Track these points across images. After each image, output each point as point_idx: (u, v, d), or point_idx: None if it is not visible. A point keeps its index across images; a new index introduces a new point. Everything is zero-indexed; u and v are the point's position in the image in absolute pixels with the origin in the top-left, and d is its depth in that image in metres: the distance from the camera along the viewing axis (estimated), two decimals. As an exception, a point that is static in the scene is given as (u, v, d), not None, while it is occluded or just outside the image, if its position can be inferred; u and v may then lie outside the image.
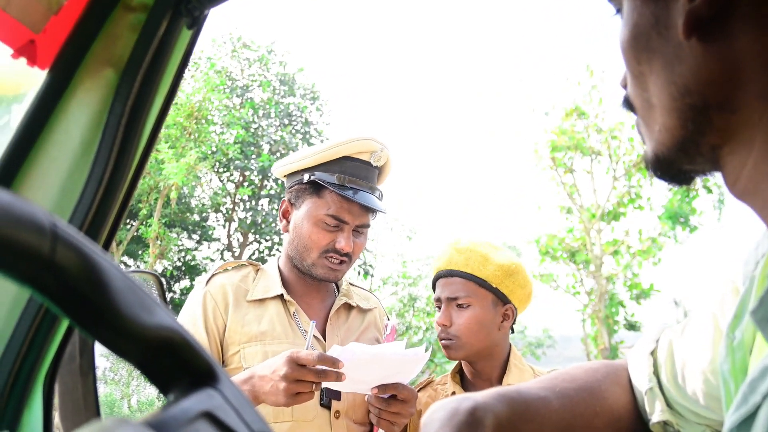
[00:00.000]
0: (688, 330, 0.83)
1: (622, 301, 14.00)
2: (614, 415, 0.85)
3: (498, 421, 0.72)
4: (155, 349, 0.45)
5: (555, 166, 13.93)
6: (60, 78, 0.75)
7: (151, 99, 0.77)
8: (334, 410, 1.60)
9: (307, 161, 1.65)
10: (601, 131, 13.73)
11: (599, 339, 13.58)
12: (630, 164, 13.65)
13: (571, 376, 0.85)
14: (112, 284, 0.41)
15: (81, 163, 0.75)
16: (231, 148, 13.96)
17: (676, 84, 0.52)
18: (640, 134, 0.60)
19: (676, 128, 0.53)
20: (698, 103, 0.51)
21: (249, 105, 15.38)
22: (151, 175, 12.32)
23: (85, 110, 0.75)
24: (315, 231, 1.63)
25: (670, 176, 0.58)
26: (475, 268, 1.68)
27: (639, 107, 0.58)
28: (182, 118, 12.56)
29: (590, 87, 13.87)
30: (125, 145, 0.75)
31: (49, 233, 0.38)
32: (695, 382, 0.79)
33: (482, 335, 1.68)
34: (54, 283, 0.39)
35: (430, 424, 0.70)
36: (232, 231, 15.73)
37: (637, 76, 0.56)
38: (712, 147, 0.53)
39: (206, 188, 15.48)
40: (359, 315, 1.79)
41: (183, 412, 0.43)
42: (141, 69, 0.75)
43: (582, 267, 14.00)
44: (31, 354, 0.75)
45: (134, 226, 13.33)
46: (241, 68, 16.27)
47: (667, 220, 13.56)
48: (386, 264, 16.61)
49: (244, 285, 1.68)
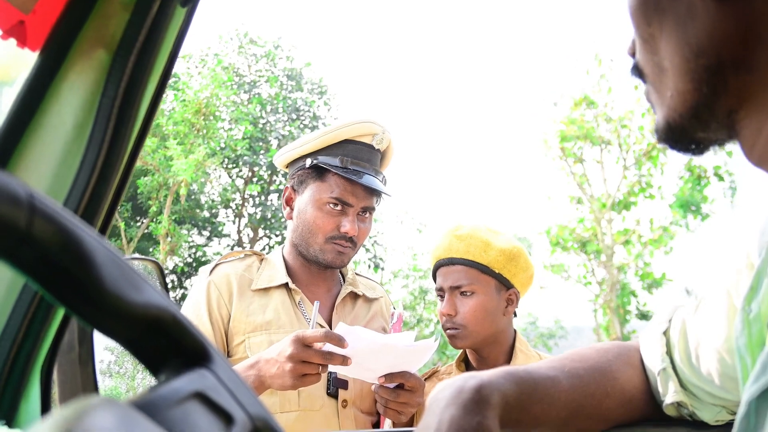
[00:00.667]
0: (702, 308, 0.81)
1: (634, 291, 13.92)
2: (626, 396, 0.83)
3: (505, 399, 0.70)
4: (144, 328, 0.43)
5: (564, 156, 13.85)
6: (51, 60, 0.73)
7: (145, 80, 0.75)
8: (341, 399, 1.58)
9: (309, 146, 1.63)
10: (610, 120, 13.63)
11: (611, 329, 13.52)
12: (640, 153, 13.55)
13: (582, 356, 0.83)
14: (94, 258, 0.39)
15: (74, 146, 0.73)
16: (239, 143, 13.97)
17: (690, 44, 0.50)
18: (650, 103, 0.58)
19: (690, 92, 0.51)
20: (713, 63, 0.49)
21: (257, 101, 15.37)
22: (160, 171, 12.36)
23: (77, 93, 0.74)
24: (319, 215, 1.61)
25: (682, 145, 0.56)
26: (477, 254, 1.66)
27: (649, 73, 0.55)
28: (190, 114, 12.57)
29: (599, 76, 13.77)
30: (119, 128, 0.74)
31: (26, 205, 0.36)
32: (710, 361, 0.77)
33: (488, 322, 1.66)
34: (32, 256, 0.37)
35: (435, 403, 0.68)
36: (242, 227, 15.76)
37: (648, 40, 0.54)
38: (728, 111, 0.51)
39: (215, 184, 15.51)
40: (365, 304, 1.77)
41: (173, 392, 0.41)
42: (134, 49, 0.73)
43: (593, 257, 13.92)
44: (27, 343, 0.73)
45: (144, 224, 13.37)
46: (248, 64, 16.27)
47: (679, 209, 13.46)
48: (397, 257, 16.56)
49: (248, 274, 1.67)
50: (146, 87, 0.75)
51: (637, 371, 0.86)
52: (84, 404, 0.34)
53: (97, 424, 0.32)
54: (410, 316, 15.14)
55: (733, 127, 0.52)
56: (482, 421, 0.65)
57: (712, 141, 0.55)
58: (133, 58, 0.74)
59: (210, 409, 0.43)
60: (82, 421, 0.32)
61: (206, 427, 0.42)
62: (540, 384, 0.75)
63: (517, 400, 0.72)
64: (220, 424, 0.43)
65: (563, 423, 0.78)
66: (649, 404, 0.85)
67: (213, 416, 0.43)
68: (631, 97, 13.54)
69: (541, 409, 0.74)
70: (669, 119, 0.55)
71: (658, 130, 0.57)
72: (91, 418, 0.32)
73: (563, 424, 0.78)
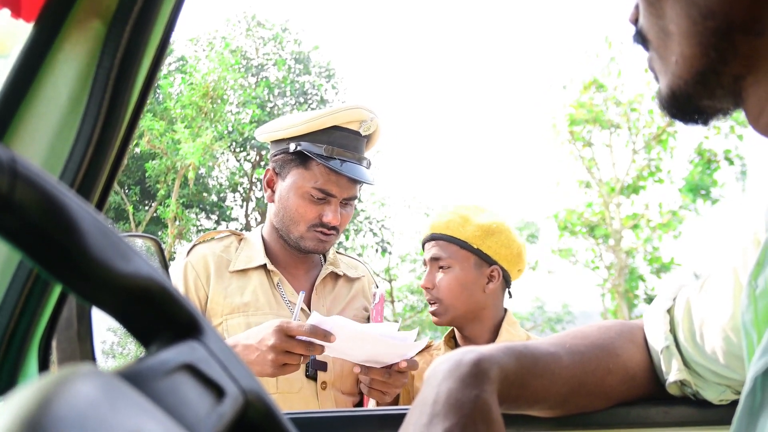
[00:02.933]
0: (707, 286, 0.79)
1: (642, 276, 13.89)
2: (628, 373, 0.82)
3: (504, 374, 0.69)
4: (132, 298, 0.42)
5: (573, 140, 13.77)
6: (46, 31, 0.72)
7: (141, 51, 0.73)
8: (321, 381, 1.56)
9: (295, 130, 1.59)
10: (620, 104, 13.54)
11: (619, 314, 13.50)
12: (650, 137, 13.46)
13: (583, 333, 0.82)
14: (80, 225, 0.38)
15: (70, 119, 0.72)
16: (247, 127, 13.95)
17: (698, 5, 0.48)
18: (653, 71, 0.56)
19: (696, 56, 0.49)
20: (722, 25, 0.47)
21: (264, 84, 15.33)
22: (168, 155, 12.37)
23: (73, 64, 0.72)
24: (302, 204, 1.59)
25: (686, 114, 0.54)
26: (455, 229, 1.67)
27: (654, 38, 0.54)
28: (198, 97, 12.55)
29: (609, 59, 13.66)
30: (115, 101, 0.72)
31: (7, 169, 0.35)
32: (714, 340, 0.76)
33: (464, 297, 1.67)
34: (14, 223, 0.36)
35: (433, 377, 0.67)
36: (250, 210, 15.77)
37: (653, 2, 0.52)
38: (735, 77, 0.49)
39: (223, 168, 15.52)
40: (346, 284, 1.75)
41: (161, 364, 0.40)
42: (130, 20, 0.72)
43: (601, 241, 13.89)
44: (24, 318, 0.73)
45: (153, 207, 13.40)
46: (255, 47, 16.22)
47: (688, 193, 13.38)
48: (404, 242, 16.56)
49: (226, 255, 1.64)
50: (143, 58, 0.74)
51: (640, 349, 0.85)
52: (67, 372, 0.33)
53: (80, 392, 0.31)
54: (417, 300, 15.17)
55: (739, 95, 0.51)
56: (480, 394, 0.64)
57: (717, 110, 0.53)
58: (129, 28, 0.72)
59: (200, 382, 0.42)
60: (63, 389, 0.31)
61: (196, 399, 0.41)
62: (540, 359, 0.74)
63: (516, 375, 0.70)
64: (210, 397, 0.42)
65: (563, 399, 0.77)
66: (652, 382, 0.84)
67: (203, 388, 0.42)
68: (641, 80, 13.43)
69: (541, 384, 0.73)
70: (673, 86, 0.53)
71: (662, 98, 0.55)
72: (74, 387, 0.31)
73: (563, 401, 0.77)
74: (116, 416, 0.31)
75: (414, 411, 0.64)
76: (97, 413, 0.30)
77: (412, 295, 15.39)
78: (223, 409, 0.42)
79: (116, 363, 3.66)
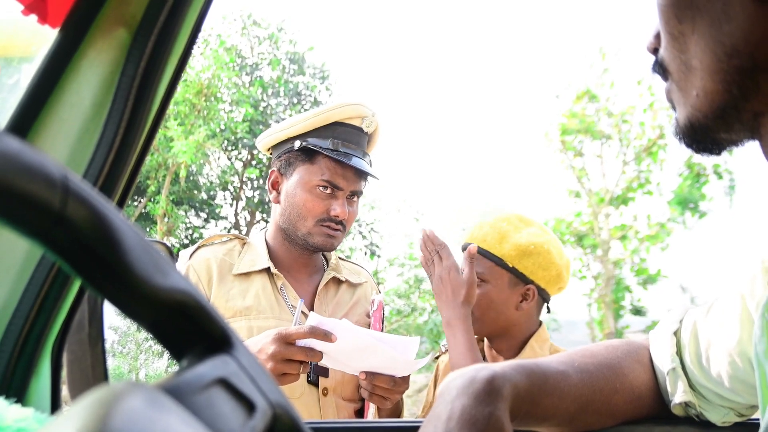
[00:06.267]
0: (714, 310, 0.81)
1: (629, 286, 13.93)
2: (634, 393, 0.83)
3: (516, 391, 0.70)
4: (169, 312, 0.43)
5: (564, 150, 13.83)
6: (71, 37, 0.72)
7: (164, 60, 0.74)
8: (322, 387, 1.56)
9: (298, 128, 1.60)
10: (612, 115, 13.60)
11: (605, 323, 13.54)
12: (640, 149, 13.53)
13: (591, 352, 0.83)
14: (125, 242, 0.39)
15: (92, 125, 0.73)
16: (239, 126, 13.92)
17: (724, 44, 0.49)
18: (671, 101, 0.57)
19: (719, 92, 0.51)
20: (747, 64, 0.48)
21: (258, 83, 15.30)
22: (159, 152, 12.32)
23: (97, 71, 0.73)
24: (309, 198, 1.59)
25: (702, 146, 0.56)
26: (492, 245, 1.63)
27: (675, 71, 0.55)
28: (191, 95, 12.51)
29: (602, 70, 13.73)
30: (137, 108, 0.73)
31: (60, 186, 0.36)
32: (720, 363, 0.77)
33: (493, 314, 1.63)
34: (64, 238, 0.37)
35: (447, 392, 0.68)
36: (240, 209, 15.73)
37: (677, 37, 0.53)
38: (755, 114, 0.50)
39: (214, 166, 15.47)
40: (349, 289, 1.75)
41: (197, 378, 0.41)
42: (155, 28, 0.73)
43: (589, 251, 13.92)
44: (39, 321, 0.73)
45: (142, 203, 13.34)
46: (250, 46, 16.18)
47: (677, 206, 13.46)
48: (393, 245, 16.54)
49: (229, 259, 1.64)
50: (166, 67, 0.75)
51: (646, 369, 0.86)
52: (113, 388, 0.34)
53: (130, 407, 0.32)
54: (404, 304, 15.15)
55: (757, 130, 0.52)
56: (493, 411, 0.65)
57: (732, 141, 0.55)
58: (153, 37, 0.73)
59: (233, 396, 0.43)
60: (116, 404, 0.32)
61: (230, 413, 0.42)
62: (550, 377, 0.75)
63: (527, 392, 0.72)
64: (242, 411, 0.43)
65: (572, 417, 0.78)
66: (657, 402, 0.86)
67: (236, 403, 0.43)
68: (633, 92, 13.51)
69: (551, 402, 0.75)
70: (692, 119, 0.54)
71: (679, 129, 0.56)
72: (124, 402, 0.32)
73: (572, 419, 0.79)
74: (168, 430, 0.32)
75: (428, 426, 0.65)
76: (152, 427, 0.31)
77: (399, 299, 15.39)
78: (255, 423, 0.43)
79: (116, 362, 3.64)
